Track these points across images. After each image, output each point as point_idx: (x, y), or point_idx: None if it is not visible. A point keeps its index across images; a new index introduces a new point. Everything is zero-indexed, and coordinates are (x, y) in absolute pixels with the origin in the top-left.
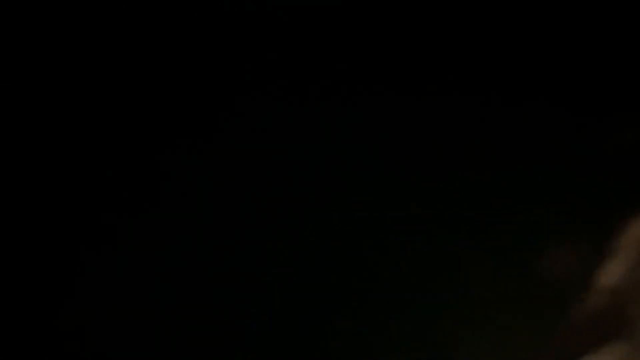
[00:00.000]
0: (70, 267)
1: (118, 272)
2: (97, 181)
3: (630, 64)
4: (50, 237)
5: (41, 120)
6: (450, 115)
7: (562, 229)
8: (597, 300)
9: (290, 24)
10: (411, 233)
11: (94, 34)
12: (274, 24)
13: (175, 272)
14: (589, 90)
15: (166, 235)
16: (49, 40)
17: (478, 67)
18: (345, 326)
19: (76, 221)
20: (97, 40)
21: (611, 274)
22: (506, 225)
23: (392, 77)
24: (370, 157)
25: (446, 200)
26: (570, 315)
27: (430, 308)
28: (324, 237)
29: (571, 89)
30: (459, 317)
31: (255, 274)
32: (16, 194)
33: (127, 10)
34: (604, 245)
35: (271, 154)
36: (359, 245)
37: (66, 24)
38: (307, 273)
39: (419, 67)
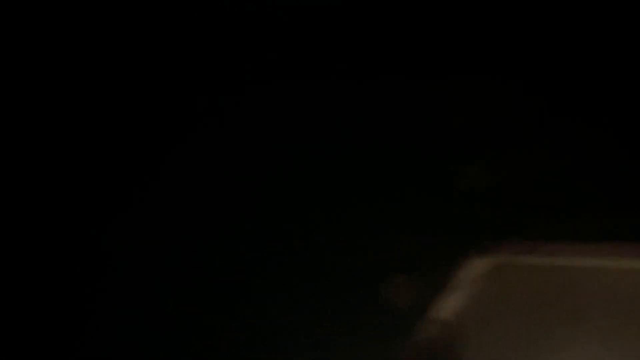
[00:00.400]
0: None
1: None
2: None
3: (481, 113)
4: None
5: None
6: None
7: (408, 262)
8: (432, 330)
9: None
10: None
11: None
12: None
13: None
14: (445, 135)
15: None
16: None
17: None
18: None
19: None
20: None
21: (447, 308)
22: (354, 256)
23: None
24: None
25: (294, 227)
26: (409, 342)
27: (275, 334)
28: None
29: (428, 132)
30: (305, 339)
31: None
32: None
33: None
34: (443, 281)
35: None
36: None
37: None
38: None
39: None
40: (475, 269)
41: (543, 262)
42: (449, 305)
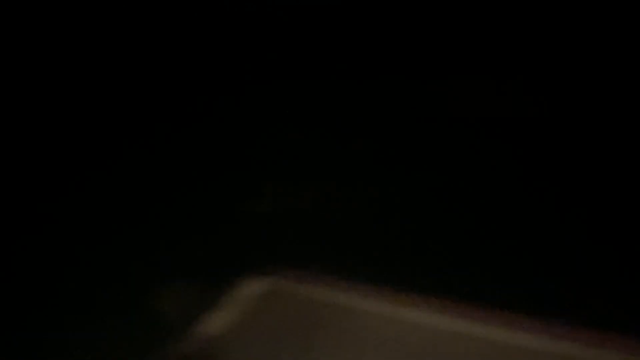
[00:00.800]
0: None
1: None
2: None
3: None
4: None
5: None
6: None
7: (182, 271)
8: (196, 343)
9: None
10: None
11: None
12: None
13: None
14: (248, 153)
15: None
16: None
17: None
18: None
19: None
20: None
21: (215, 323)
22: (128, 259)
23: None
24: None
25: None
26: (171, 352)
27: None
28: None
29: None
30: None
31: None
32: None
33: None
34: (215, 295)
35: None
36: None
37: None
38: None
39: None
40: (249, 290)
41: (318, 295)
42: (218, 322)
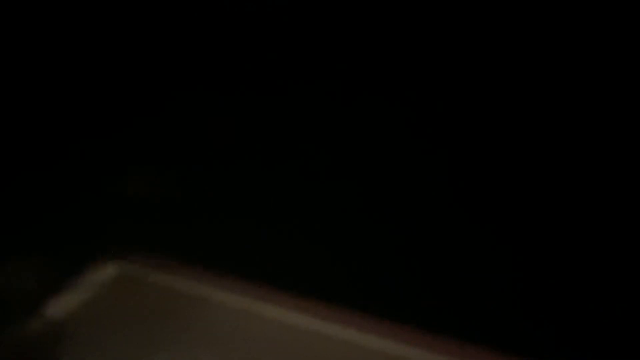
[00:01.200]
0: None
1: None
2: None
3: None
4: None
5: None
6: None
7: (28, 252)
8: (39, 326)
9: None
10: None
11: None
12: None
13: None
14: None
15: None
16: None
17: None
18: None
19: None
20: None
21: (61, 305)
22: None
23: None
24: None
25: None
26: (11, 334)
27: None
28: None
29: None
30: None
31: None
32: None
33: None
34: (64, 277)
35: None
36: None
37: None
38: None
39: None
40: (101, 273)
41: (171, 283)
42: (64, 304)
